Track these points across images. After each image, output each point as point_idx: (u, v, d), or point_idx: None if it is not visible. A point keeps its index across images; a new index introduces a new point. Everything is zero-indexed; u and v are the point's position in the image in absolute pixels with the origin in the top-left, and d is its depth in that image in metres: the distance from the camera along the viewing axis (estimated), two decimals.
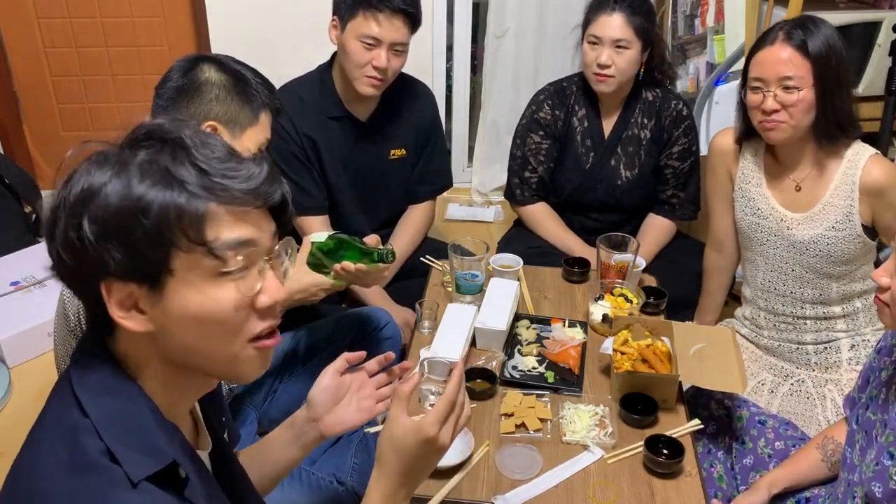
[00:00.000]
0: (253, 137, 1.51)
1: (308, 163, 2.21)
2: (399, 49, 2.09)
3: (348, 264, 1.56)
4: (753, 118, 1.80)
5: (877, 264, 1.84)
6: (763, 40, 1.75)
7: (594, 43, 2.15)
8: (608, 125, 2.31)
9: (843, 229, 1.79)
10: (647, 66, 2.24)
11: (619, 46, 2.13)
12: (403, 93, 2.29)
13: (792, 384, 1.92)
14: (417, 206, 2.44)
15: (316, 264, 1.57)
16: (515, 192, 2.41)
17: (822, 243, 1.82)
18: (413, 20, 2.08)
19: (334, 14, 2.10)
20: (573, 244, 2.32)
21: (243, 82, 1.48)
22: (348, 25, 2.05)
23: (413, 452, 1.02)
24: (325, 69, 2.24)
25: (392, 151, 2.32)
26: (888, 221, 1.78)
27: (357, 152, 2.27)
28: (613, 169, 2.31)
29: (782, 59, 1.70)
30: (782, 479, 1.52)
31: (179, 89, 1.46)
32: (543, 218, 2.39)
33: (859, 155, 1.77)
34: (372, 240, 1.63)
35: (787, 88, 1.71)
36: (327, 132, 2.22)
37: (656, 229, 2.36)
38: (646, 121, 2.29)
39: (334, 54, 2.23)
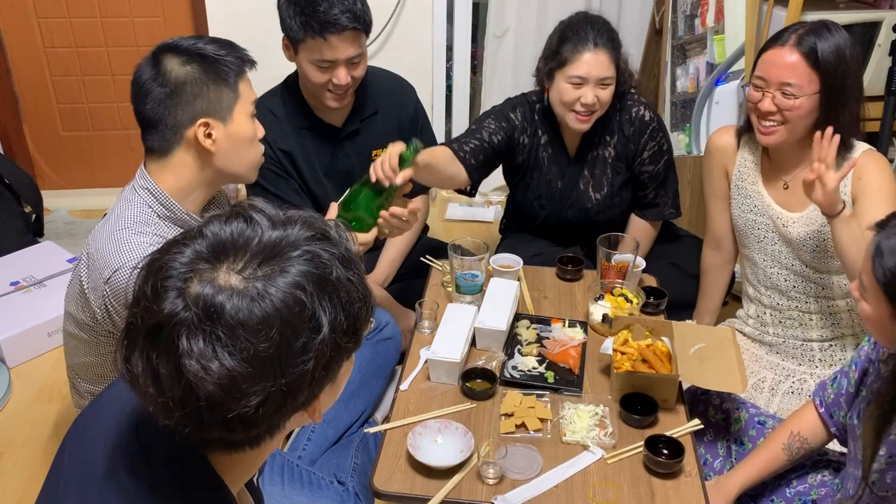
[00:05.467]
0: (243, 112, 1.48)
1: (287, 175, 2.17)
2: (356, 60, 2.02)
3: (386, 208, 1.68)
4: (751, 115, 1.80)
5: None
6: (775, 39, 1.74)
7: (577, 84, 2.01)
8: (572, 148, 2.23)
9: None
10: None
11: (602, 84, 2.02)
12: (379, 91, 2.23)
13: (793, 383, 1.92)
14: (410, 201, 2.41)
15: (358, 227, 1.67)
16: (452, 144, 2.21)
17: (818, 239, 1.82)
18: (364, 30, 2.01)
19: (284, 34, 2.03)
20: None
21: (209, 61, 1.43)
22: (300, 49, 2.00)
23: None
24: (293, 80, 2.19)
25: (374, 152, 2.27)
26: (858, 209, 1.76)
27: (337, 158, 2.24)
28: (582, 192, 2.25)
29: (787, 63, 1.70)
30: (753, 478, 1.54)
31: (164, 101, 1.42)
32: (434, 149, 2.12)
33: (853, 151, 1.78)
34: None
35: (785, 94, 1.71)
36: (303, 144, 2.17)
37: (639, 232, 2.30)
38: (608, 138, 2.19)
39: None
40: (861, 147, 1.79)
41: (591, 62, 2.00)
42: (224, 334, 0.69)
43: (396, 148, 1.69)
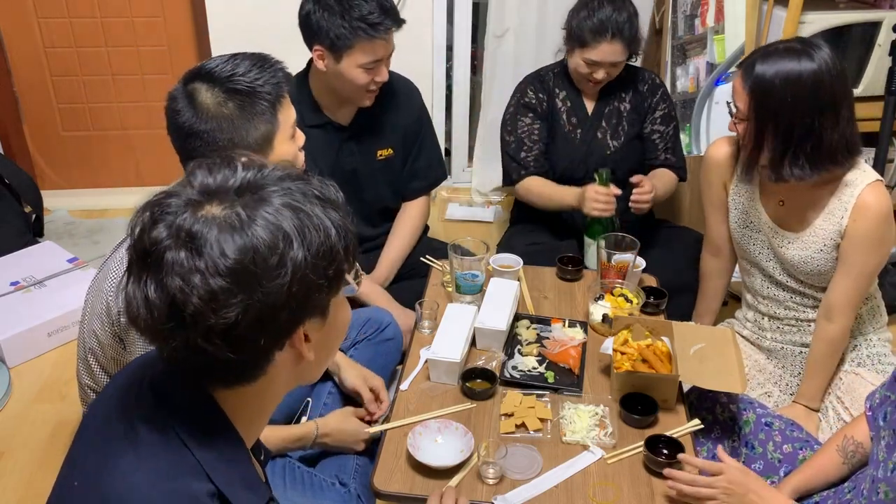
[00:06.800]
0: (283, 138, 1.44)
1: None
2: (390, 56, 2.11)
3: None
4: None
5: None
6: (742, 61, 1.75)
7: (592, 65, 2.23)
8: (590, 103, 2.40)
9: (830, 251, 1.78)
10: None
11: (615, 66, 2.26)
12: (386, 92, 2.25)
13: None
14: (411, 203, 2.44)
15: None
16: (513, 175, 2.43)
17: (811, 264, 1.81)
18: (400, 25, 2.07)
19: (317, 44, 2.04)
20: (565, 192, 2.29)
21: (244, 95, 1.38)
22: (345, 57, 2.02)
23: None
24: (302, 78, 2.20)
25: (379, 152, 2.30)
26: (843, 247, 1.76)
27: (343, 157, 2.25)
28: (601, 141, 2.39)
29: (734, 87, 1.72)
30: (804, 484, 1.51)
31: (204, 143, 1.38)
32: (536, 186, 2.39)
33: (858, 180, 1.72)
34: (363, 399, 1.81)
35: (737, 118, 1.73)
36: (308, 141, 2.17)
37: (661, 173, 2.42)
38: (623, 94, 2.39)
39: (310, 62, 2.19)
40: (865, 177, 1.72)
41: (607, 51, 2.21)
42: (203, 251, 0.76)
43: (593, 188, 2.12)
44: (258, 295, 0.76)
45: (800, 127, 1.65)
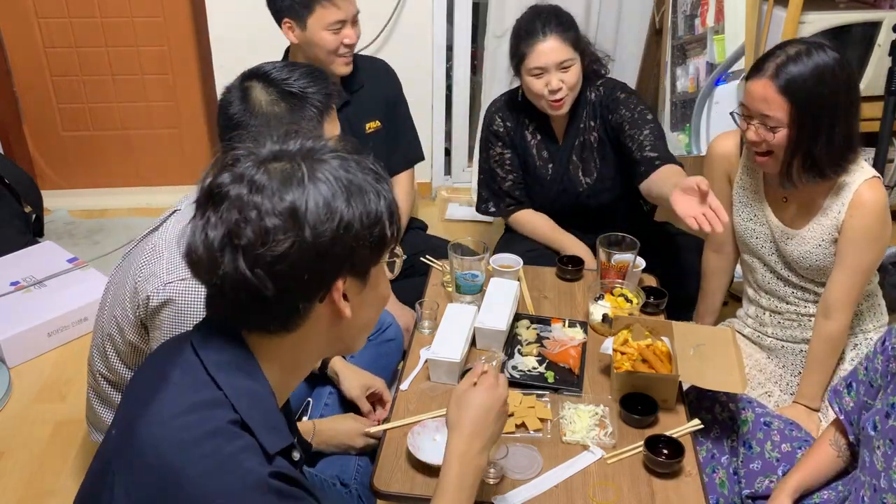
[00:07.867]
0: None
1: None
2: (356, 19, 2.19)
3: None
4: (745, 140, 1.79)
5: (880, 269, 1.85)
6: (756, 68, 1.70)
7: (539, 74, 2.10)
8: (559, 134, 2.31)
9: (828, 246, 1.79)
10: (584, 69, 2.18)
11: (563, 67, 2.10)
12: (364, 68, 2.35)
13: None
14: (395, 180, 2.49)
15: None
16: (490, 207, 2.40)
17: (810, 259, 1.81)
18: None
19: (284, 17, 2.15)
20: (568, 243, 2.30)
21: (297, 99, 1.44)
22: (309, 22, 2.13)
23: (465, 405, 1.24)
24: (285, 58, 2.31)
25: (368, 125, 2.38)
26: (840, 242, 1.76)
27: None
28: (573, 177, 2.30)
29: (763, 96, 1.66)
30: (803, 482, 1.51)
31: (266, 125, 1.41)
32: (535, 224, 2.36)
33: (855, 176, 1.72)
34: None
35: (766, 126, 1.69)
36: None
37: (667, 173, 2.05)
38: (592, 123, 2.26)
39: (286, 50, 2.29)
40: (863, 174, 1.72)
41: (545, 50, 2.09)
42: (263, 192, 0.85)
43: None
44: (307, 233, 0.85)
45: (841, 123, 1.66)
